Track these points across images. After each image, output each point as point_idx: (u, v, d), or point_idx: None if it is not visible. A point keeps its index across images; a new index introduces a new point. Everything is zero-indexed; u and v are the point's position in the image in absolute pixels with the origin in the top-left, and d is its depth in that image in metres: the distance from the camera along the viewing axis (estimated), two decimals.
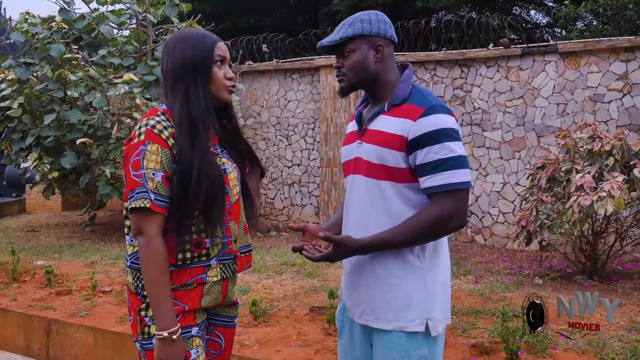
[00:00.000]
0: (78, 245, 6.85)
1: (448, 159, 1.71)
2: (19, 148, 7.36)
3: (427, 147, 1.71)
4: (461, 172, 1.73)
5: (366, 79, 1.85)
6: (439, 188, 1.72)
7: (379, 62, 1.84)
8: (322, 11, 11.78)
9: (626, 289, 4.49)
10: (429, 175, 1.73)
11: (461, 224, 1.75)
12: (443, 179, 1.71)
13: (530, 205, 4.72)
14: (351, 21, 1.84)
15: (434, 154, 1.71)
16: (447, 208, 1.72)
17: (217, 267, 1.84)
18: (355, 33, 1.81)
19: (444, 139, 1.71)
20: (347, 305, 1.92)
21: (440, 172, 1.71)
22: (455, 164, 1.72)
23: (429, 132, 1.71)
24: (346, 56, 1.84)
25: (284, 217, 8.18)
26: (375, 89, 1.87)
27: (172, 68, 1.81)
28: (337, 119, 7.60)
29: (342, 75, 1.87)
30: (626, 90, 6.02)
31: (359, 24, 1.82)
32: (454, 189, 1.72)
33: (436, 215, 1.72)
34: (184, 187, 1.72)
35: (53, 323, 4.29)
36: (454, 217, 1.73)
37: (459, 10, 11.39)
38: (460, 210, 1.74)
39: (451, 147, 1.72)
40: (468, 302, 4.11)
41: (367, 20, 1.83)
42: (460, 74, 6.90)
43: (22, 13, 7.50)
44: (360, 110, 1.96)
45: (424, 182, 1.75)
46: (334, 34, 1.85)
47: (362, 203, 1.84)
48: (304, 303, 4.27)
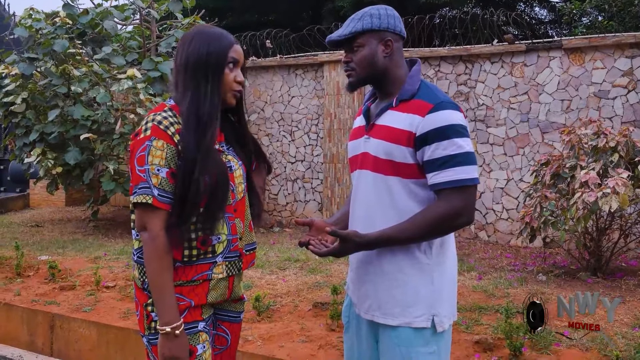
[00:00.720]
0: (82, 240, 6.86)
1: (456, 155, 1.71)
2: (22, 143, 7.37)
3: (436, 143, 1.71)
4: (469, 169, 1.72)
5: (375, 73, 1.84)
6: (447, 184, 1.72)
7: (388, 57, 1.83)
8: (326, 7, 11.75)
9: (630, 286, 4.48)
10: (437, 171, 1.72)
11: (469, 220, 1.75)
12: (451, 175, 1.71)
13: (534, 202, 4.71)
14: (360, 15, 1.82)
15: (442, 150, 1.71)
16: (455, 204, 1.71)
17: (223, 265, 1.84)
18: (364, 27, 1.80)
19: (452, 135, 1.71)
20: (354, 300, 1.92)
21: (448, 168, 1.71)
22: (463, 160, 1.71)
23: (437, 128, 1.71)
24: (355, 51, 1.83)
25: (287, 213, 8.19)
26: (384, 84, 1.86)
27: (186, 62, 1.80)
28: (341, 115, 7.60)
29: (351, 70, 1.85)
30: (631, 86, 5.99)
31: (369, 18, 1.81)
32: (462, 186, 1.71)
33: (444, 211, 1.72)
34: (186, 183, 1.72)
35: (57, 318, 4.30)
36: (462, 214, 1.72)
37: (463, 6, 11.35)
38: (468, 206, 1.73)
39: (459, 143, 1.71)
40: (471, 299, 4.11)
41: (376, 14, 1.81)
42: (464, 70, 6.88)
43: (27, 9, 7.50)
44: (367, 105, 1.95)
45: (431, 178, 1.74)
46: (343, 28, 1.83)
47: (368, 198, 1.83)
48: (308, 299, 4.27)
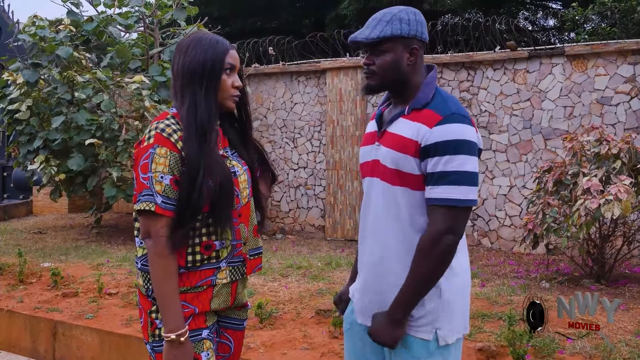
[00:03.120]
0: (84, 247, 6.87)
1: (454, 172, 1.63)
2: (26, 150, 7.39)
3: (437, 156, 1.64)
4: (464, 189, 1.64)
5: (397, 80, 1.76)
6: (435, 201, 1.66)
7: (411, 65, 1.76)
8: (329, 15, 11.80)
9: (634, 293, 4.47)
10: (432, 186, 1.66)
11: (456, 238, 1.66)
12: (441, 193, 1.64)
13: (537, 209, 4.71)
14: (389, 18, 1.73)
15: (442, 164, 1.64)
16: (438, 226, 1.65)
17: (227, 270, 1.85)
18: (394, 33, 1.72)
19: (455, 150, 1.63)
20: (357, 308, 1.89)
21: (441, 185, 1.64)
22: (460, 178, 1.63)
23: (442, 142, 1.64)
24: (379, 54, 1.74)
25: (289, 220, 8.19)
26: (401, 90, 1.79)
27: (182, 70, 1.81)
28: (344, 122, 7.61)
29: (372, 74, 1.77)
30: (634, 93, 5.99)
31: (398, 23, 1.72)
32: (451, 206, 1.64)
33: (427, 236, 1.66)
34: (189, 188, 1.73)
35: (59, 325, 4.30)
36: (445, 234, 1.64)
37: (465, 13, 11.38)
38: (454, 228, 1.65)
39: (460, 160, 1.64)
40: (474, 306, 4.10)
41: (406, 20, 1.73)
42: (467, 77, 6.89)
43: (30, 16, 7.54)
44: (381, 110, 1.88)
45: (427, 192, 1.68)
46: (369, 30, 1.74)
47: (377, 208, 1.78)
48: (310, 306, 4.26)
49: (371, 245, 1.81)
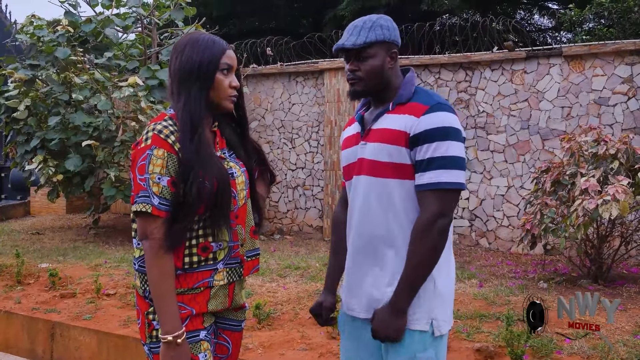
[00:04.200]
0: (82, 248, 6.86)
1: (441, 157, 1.70)
2: (24, 151, 7.38)
3: (427, 144, 1.71)
4: (453, 173, 1.70)
5: (380, 84, 1.84)
6: (426, 186, 1.72)
7: (391, 68, 1.85)
8: (327, 16, 11.79)
9: (631, 293, 4.47)
10: (421, 172, 1.72)
11: (448, 221, 1.72)
12: (432, 177, 1.71)
13: (535, 209, 4.71)
14: (370, 25, 1.81)
15: (431, 151, 1.71)
16: (432, 209, 1.70)
17: (224, 271, 1.84)
18: (377, 39, 1.80)
19: (442, 137, 1.70)
20: (350, 305, 1.91)
21: (431, 170, 1.71)
22: (447, 163, 1.70)
23: (430, 129, 1.71)
24: (363, 60, 1.81)
25: (288, 221, 8.18)
26: (384, 93, 1.86)
27: (178, 71, 1.81)
28: (342, 122, 7.60)
29: (357, 79, 1.84)
30: (631, 93, 6.00)
31: (380, 29, 1.81)
32: (442, 189, 1.70)
33: (422, 220, 1.71)
34: (185, 190, 1.73)
35: (57, 326, 4.30)
36: (439, 216, 1.70)
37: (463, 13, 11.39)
38: (445, 210, 1.71)
39: (448, 146, 1.70)
40: (472, 306, 4.11)
41: (385, 26, 1.82)
42: (464, 77, 6.89)
43: (28, 16, 7.53)
44: (361, 114, 1.95)
45: (417, 179, 1.74)
46: (353, 37, 1.81)
47: (368, 202, 1.82)
48: (308, 306, 4.25)
49: (359, 228, 1.85)
